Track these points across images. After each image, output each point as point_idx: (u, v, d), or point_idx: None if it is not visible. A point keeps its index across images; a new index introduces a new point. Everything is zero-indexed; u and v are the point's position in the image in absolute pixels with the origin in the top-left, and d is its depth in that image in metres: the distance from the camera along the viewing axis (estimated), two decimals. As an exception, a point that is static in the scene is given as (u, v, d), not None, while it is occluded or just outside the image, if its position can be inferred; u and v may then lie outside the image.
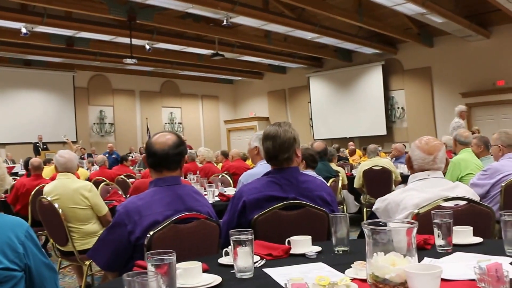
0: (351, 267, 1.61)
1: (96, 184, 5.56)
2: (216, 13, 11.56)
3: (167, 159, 2.27)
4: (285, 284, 1.44)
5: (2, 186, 1.84)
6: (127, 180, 7.25)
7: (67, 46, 13.71)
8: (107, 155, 12.65)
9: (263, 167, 3.37)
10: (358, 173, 7.12)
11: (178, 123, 20.76)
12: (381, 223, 1.28)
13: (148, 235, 2.05)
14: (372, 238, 1.22)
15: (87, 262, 3.93)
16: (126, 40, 12.84)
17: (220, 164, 9.22)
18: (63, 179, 4.10)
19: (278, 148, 2.44)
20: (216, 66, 17.83)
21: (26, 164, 6.22)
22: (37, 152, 14.39)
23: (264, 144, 2.51)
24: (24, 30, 11.59)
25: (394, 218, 2.30)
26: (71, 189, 3.98)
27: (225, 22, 11.76)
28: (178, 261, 1.52)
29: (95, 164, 10.88)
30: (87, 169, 11.13)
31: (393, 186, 6.75)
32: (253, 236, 1.67)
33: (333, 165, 6.74)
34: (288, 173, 2.48)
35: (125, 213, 2.14)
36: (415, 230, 1.23)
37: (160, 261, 1.41)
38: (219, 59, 14.86)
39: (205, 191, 4.93)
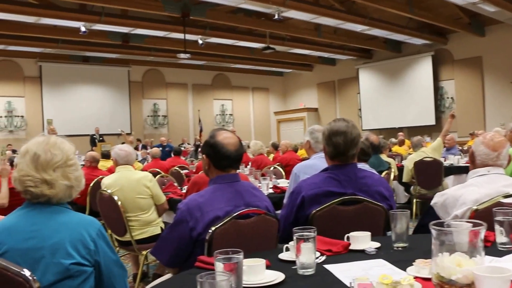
0: (412, 264, 1.59)
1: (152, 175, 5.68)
2: (267, 7, 11.60)
3: (232, 160, 2.32)
4: (350, 283, 1.45)
5: (79, 187, 1.90)
6: (181, 172, 7.37)
7: (123, 42, 14.17)
8: (160, 148, 12.94)
9: (318, 159, 3.37)
10: (406, 167, 7.00)
11: (229, 114, 21.00)
12: (446, 224, 1.27)
13: (210, 231, 2.09)
14: (438, 239, 1.21)
15: (144, 252, 4.06)
16: (179, 35, 13.08)
17: (272, 155, 9.24)
18: (124, 171, 4.26)
19: (349, 144, 2.44)
20: (266, 59, 17.89)
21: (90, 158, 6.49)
22: (93, 144, 14.88)
23: (332, 139, 2.47)
24: (83, 29, 12.03)
25: (452, 213, 2.27)
26: (133, 179, 4.14)
27: (276, 16, 11.78)
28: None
29: (148, 156, 11.14)
30: (143, 159, 11.44)
31: (443, 177, 6.64)
32: (316, 233, 1.67)
33: (384, 157, 6.64)
34: (347, 169, 2.48)
35: (187, 210, 2.20)
36: (483, 231, 1.22)
37: (228, 260, 1.42)
38: (270, 52, 14.89)
39: (259, 183, 4.97)
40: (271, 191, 4.72)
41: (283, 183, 5.16)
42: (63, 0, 11.16)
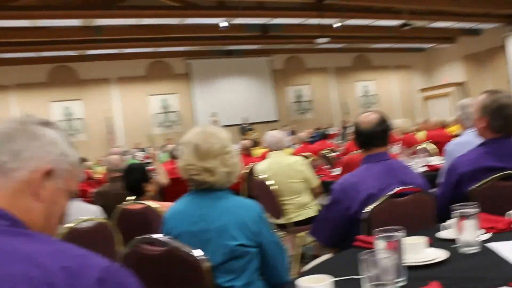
0: None
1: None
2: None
3: (374, 137, 2.34)
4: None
5: (236, 172, 2.03)
6: (330, 154, 7.41)
7: (262, 33, 14.55)
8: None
9: (470, 135, 3.20)
10: None
11: (372, 95, 20.54)
12: None
13: (366, 210, 2.12)
14: None
15: (301, 234, 4.17)
16: (316, 21, 13.08)
17: (421, 133, 8.89)
18: (277, 156, 4.42)
19: None
20: (406, 36, 17.07)
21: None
22: (243, 133, 15.57)
23: (501, 112, 2.31)
24: (223, 24, 12.60)
25: None
26: (286, 164, 4.29)
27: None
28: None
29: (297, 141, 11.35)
30: (292, 145, 11.70)
31: None
32: (478, 209, 1.61)
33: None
34: (506, 143, 2.33)
35: (341, 190, 2.25)
36: None
37: (389, 238, 1.41)
38: (409, 28, 14.21)
39: (410, 162, 4.82)
40: (423, 169, 4.56)
41: (435, 161, 4.96)
42: (203, -1, 11.82)
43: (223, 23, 12.54)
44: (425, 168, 4.57)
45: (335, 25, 13.82)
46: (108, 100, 16.61)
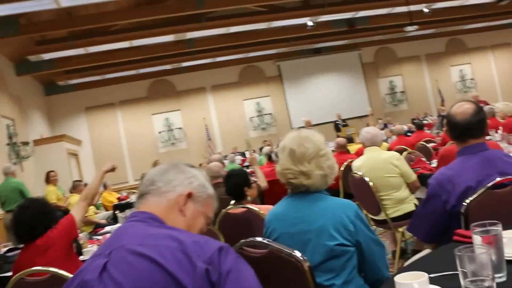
0: None
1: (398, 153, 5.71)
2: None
3: (470, 128, 2.23)
4: None
5: (332, 174, 2.07)
6: (427, 145, 7.20)
7: (349, 27, 14.41)
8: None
9: None
10: None
11: (470, 79, 19.48)
12: None
13: (464, 203, 2.06)
14: None
15: (400, 229, 4.13)
16: (403, 8, 12.73)
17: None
18: (372, 152, 4.40)
19: None
20: (503, 11, 16.03)
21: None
22: (337, 130, 15.45)
23: None
24: (309, 23, 12.63)
25: None
26: (381, 159, 4.25)
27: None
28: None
29: (392, 134, 11.14)
30: (386, 139, 11.48)
31: None
32: None
33: None
34: None
35: (438, 184, 2.20)
36: None
37: (487, 232, 1.38)
38: (506, 3, 13.33)
39: (513, 148, 4.57)
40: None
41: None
42: (288, 1, 11.92)
43: (309, 22, 12.60)
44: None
45: (425, 10, 13.34)
46: (204, 108, 17.27)
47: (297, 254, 1.77)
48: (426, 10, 13.42)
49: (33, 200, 3.01)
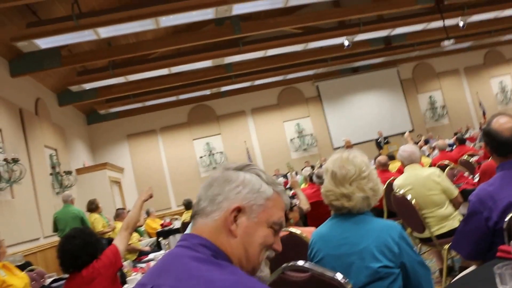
0: None
1: (440, 169, 5.66)
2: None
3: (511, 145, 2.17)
4: None
5: (375, 196, 2.08)
6: (470, 160, 7.09)
7: (386, 45, 14.43)
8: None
9: None
10: None
11: (511, 90, 19.07)
12: None
13: (506, 219, 2.03)
14: None
15: (446, 246, 4.05)
16: (439, 23, 12.65)
17: None
18: (412, 170, 4.39)
19: None
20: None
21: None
22: (379, 147, 15.35)
23: None
24: (346, 43, 12.69)
25: None
26: (422, 177, 4.22)
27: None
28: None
29: (435, 149, 11.00)
30: (428, 155, 11.33)
31: None
32: None
33: None
34: None
35: (478, 201, 2.16)
36: None
37: None
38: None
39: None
40: None
41: None
42: (324, 22, 12.05)
43: (346, 42, 12.67)
44: None
45: (460, 24, 13.21)
46: (245, 132, 17.37)
47: (339, 277, 1.73)
48: (461, 23, 13.28)
49: (80, 230, 2.97)
